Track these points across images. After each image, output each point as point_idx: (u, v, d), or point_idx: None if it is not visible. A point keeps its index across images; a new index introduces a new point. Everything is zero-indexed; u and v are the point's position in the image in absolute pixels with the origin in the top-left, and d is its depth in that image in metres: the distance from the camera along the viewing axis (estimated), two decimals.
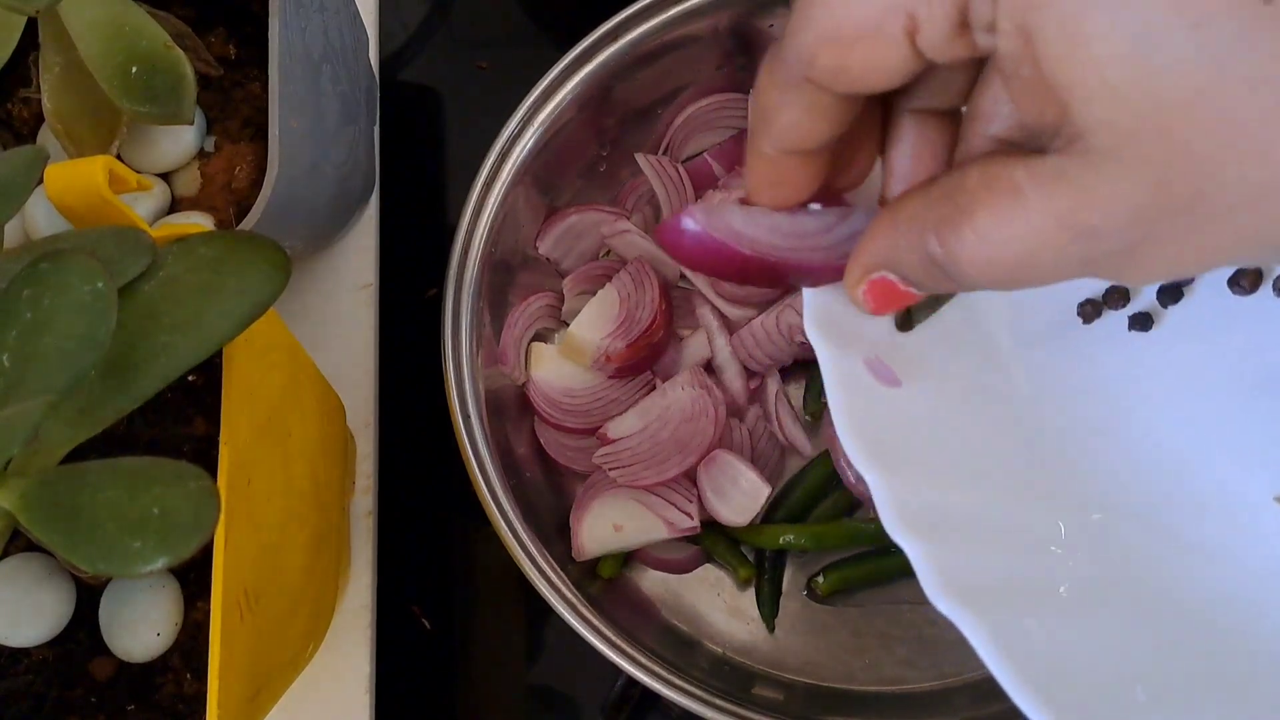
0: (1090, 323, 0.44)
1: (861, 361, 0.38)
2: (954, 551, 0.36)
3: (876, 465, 0.35)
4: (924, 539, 0.35)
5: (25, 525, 0.34)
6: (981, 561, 0.36)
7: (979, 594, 0.35)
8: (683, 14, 0.57)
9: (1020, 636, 0.34)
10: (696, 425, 0.57)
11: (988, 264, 0.28)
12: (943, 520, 0.36)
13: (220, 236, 0.41)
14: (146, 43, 0.47)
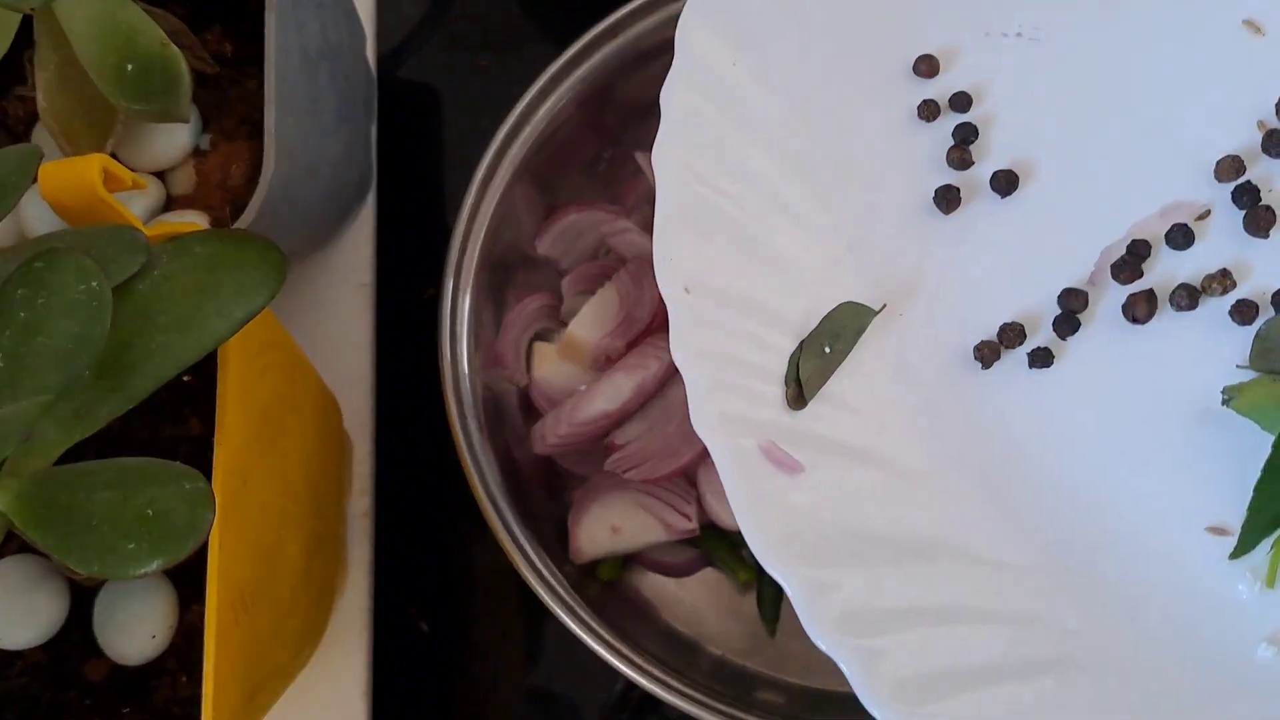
0: (989, 367, 0.44)
1: (758, 449, 0.39)
2: (888, 647, 0.36)
3: (786, 565, 0.37)
4: (854, 639, 0.35)
5: (19, 526, 0.34)
6: (920, 649, 0.36)
7: (925, 689, 0.35)
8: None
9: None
10: None
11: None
12: (870, 614, 0.36)
13: (216, 235, 0.41)
14: (142, 40, 0.46)
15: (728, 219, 0.43)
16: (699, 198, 0.42)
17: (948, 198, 0.46)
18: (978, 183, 0.46)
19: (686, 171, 0.42)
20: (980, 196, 0.46)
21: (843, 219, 0.45)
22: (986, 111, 0.47)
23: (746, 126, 0.45)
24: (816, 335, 0.42)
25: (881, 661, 0.35)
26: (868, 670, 0.35)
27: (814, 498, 0.39)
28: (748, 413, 0.39)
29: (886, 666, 0.35)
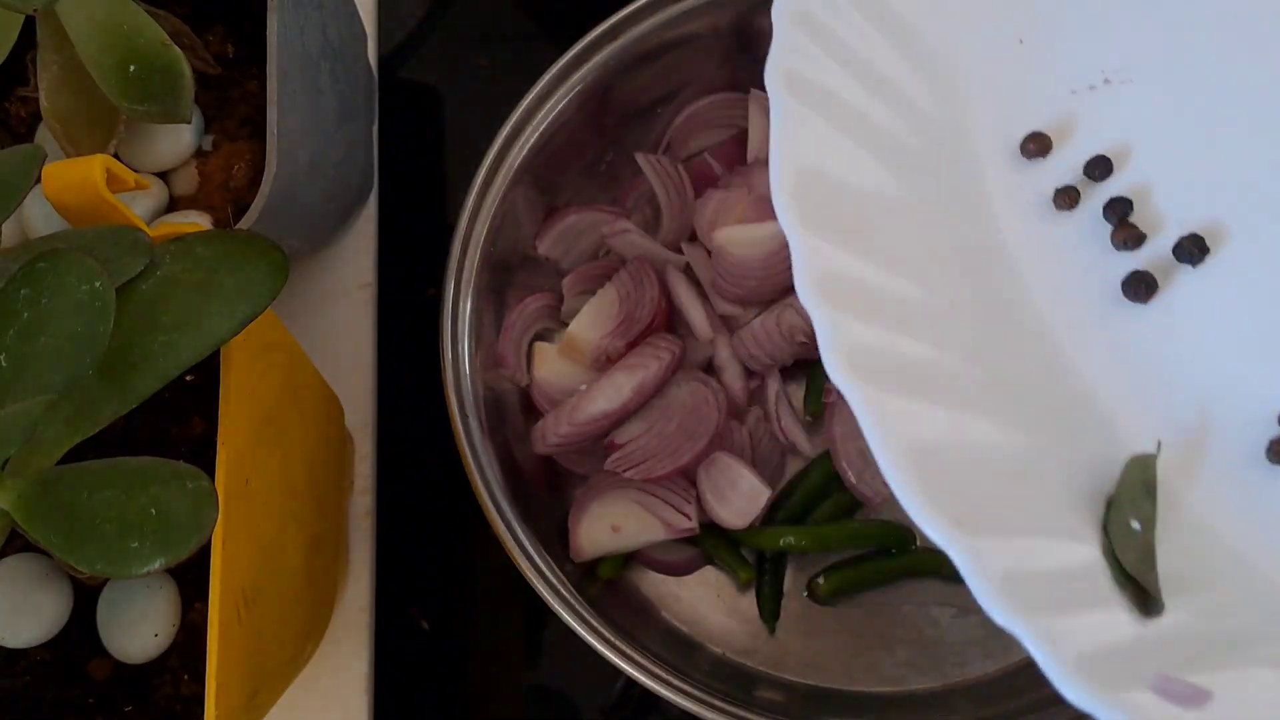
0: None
1: (1152, 693, 0.31)
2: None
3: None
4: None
5: (23, 525, 0.34)
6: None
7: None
8: (683, 13, 0.57)
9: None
10: (700, 414, 0.57)
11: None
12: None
13: (218, 236, 0.41)
14: (144, 41, 0.46)
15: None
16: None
17: (1143, 283, 0.39)
18: (1157, 258, 0.40)
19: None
20: (1169, 272, 0.40)
21: (1015, 360, 0.39)
22: (1123, 176, 0.41)
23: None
24: (1116, 514, 0.34)
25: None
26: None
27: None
28: (1112, 646, 0.32)
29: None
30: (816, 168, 0.38)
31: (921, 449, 0.33)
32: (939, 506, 0.31)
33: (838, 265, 0.36)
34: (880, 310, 0.36)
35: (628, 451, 0.57)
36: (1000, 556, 0.31)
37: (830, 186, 0.38)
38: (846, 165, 0.39)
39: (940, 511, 0.31)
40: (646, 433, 0.57)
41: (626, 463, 0.56)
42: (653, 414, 0.58)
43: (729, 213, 0.59)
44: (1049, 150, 0.42)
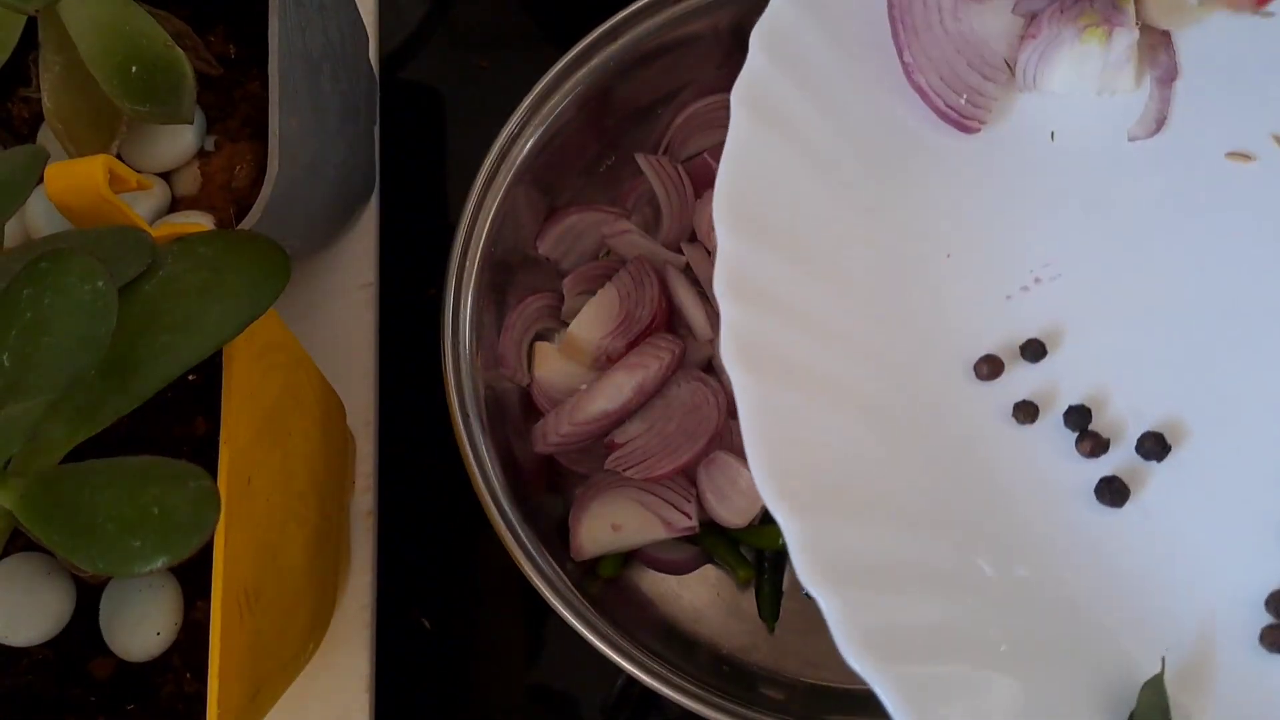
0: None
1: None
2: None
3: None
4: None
5: (25, 524, 0.34)
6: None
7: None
8: (683, 13, 0.57)
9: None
10: (701, 413, 0.57)
11: None
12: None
13: (220, 236, 0.41)
14: (146, 42, 0.47)
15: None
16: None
17: (1113, 489, 0.40)
18: (1124, 457, 0.41)
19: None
20: (1138, 471, 0.40)
21: (991, 570, 0.39)
22: (1077, 381, 0.42)
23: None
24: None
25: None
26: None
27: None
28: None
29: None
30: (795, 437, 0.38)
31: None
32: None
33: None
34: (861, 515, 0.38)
35: (628, 451, 0.57)
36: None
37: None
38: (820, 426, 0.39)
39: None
40: (647, 432, 0.57)
41: (627, 462, 0.56)
42: (653, 413, 0.58)
43: None
44: (1001, 370, 0.42)
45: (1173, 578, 0.39)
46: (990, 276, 0.44)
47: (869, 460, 0.39)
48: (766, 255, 0.39)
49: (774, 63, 0.41)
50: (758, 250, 0.39)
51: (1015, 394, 0.42)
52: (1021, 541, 0.40)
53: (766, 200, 0.40)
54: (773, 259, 0.39)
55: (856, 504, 0.38)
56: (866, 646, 0.34)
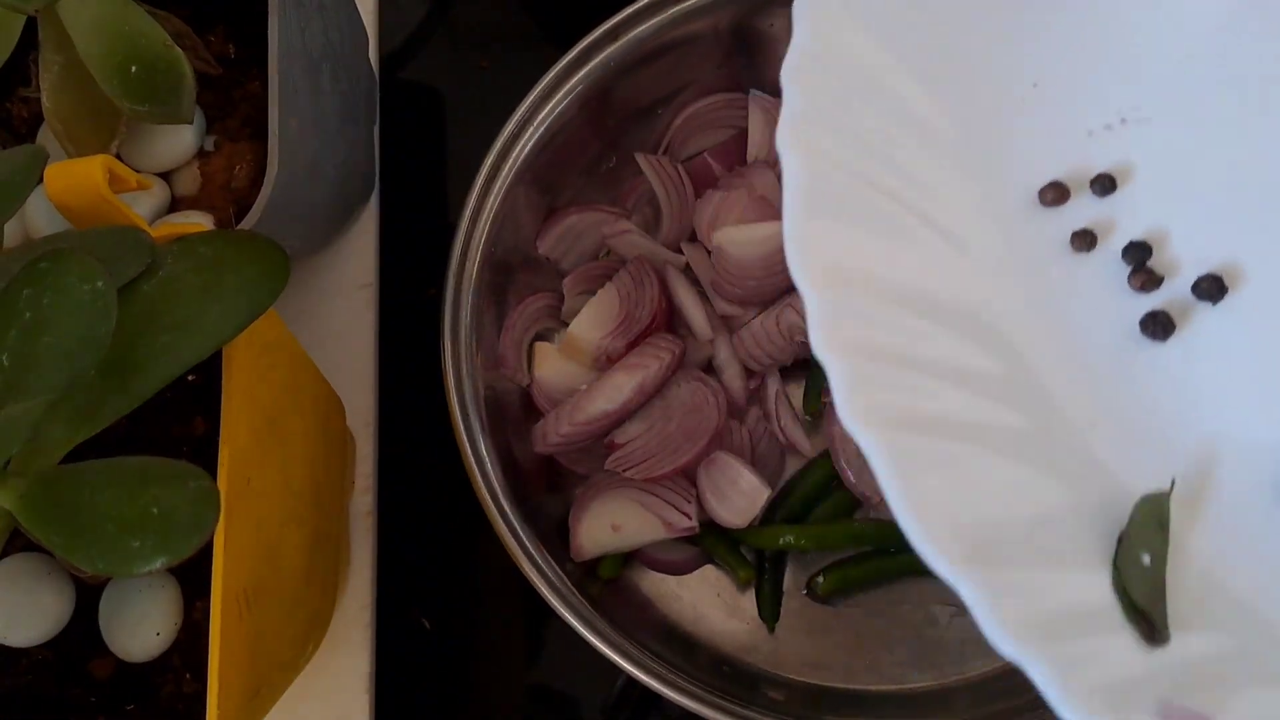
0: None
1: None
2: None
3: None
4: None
5: (25, 525, 0.34)
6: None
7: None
8: (683, 13, 0.57)
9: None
10: (701, 414, 0.57)
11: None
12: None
13: (220, 236, 0.41)
14: (146, 42, 0.47)
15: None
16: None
17: (1160, 322, 0.39)
18: (1176, 297, 0.40)
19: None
20: (1188, 311, 0.40)
21: (1030, 396, 0.38)
22: (1141, 218, 0.41)
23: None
24: (1127, 549, 0.35)
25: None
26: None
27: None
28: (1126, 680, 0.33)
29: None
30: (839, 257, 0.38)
31: (928, 476, 0.33)
32: (945, 536, 0.31)
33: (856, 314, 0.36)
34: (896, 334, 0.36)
35: (628, 451, 0.57)
36: (1008, 589, 0.31)
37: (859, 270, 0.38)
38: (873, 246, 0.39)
39: (946, 541, 0.31)
40: (647, 432, 0.57)
41: (627, 462, 0.56)
42: (653, 414, 0.58)
43: (729, 213, 0.59)
44: (1067, 198, 0.42)
45: (1201, 417, 0.38)
46: (1075, 110, 0.43)
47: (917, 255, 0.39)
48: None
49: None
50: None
51: (1076, 224, 0.41)
52: (1055, 364, 0.39)
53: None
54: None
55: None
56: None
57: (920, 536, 0.31)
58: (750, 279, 0.58)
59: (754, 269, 0.57)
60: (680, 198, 0.61)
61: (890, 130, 0.40)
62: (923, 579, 0.58)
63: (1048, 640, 0.31)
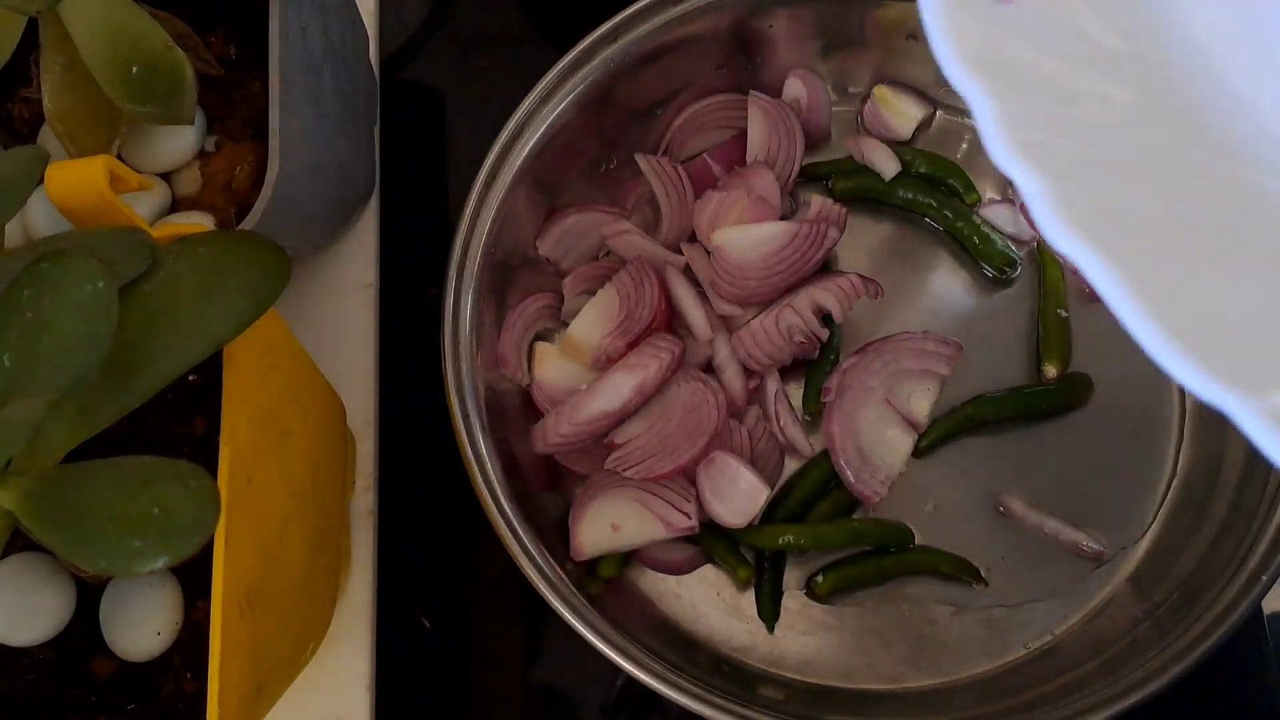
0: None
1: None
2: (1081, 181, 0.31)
3: (982, 79, 0.29)
4: (1041, 166, 0.28)
5: (26, 525, 0.34)
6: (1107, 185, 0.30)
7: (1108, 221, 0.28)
8: (682, 15, 0.57)
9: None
10: (700, 413, 0.57)
11: None
12: (1063, 147, 0.30)
13: (221, 236, 0.41)
14: (147, 43, 0.47)
15: None
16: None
17: None
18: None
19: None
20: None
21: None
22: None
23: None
24: None
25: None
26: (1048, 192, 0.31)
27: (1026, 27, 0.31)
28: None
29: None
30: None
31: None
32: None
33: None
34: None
35: (628, 451, 0.57)
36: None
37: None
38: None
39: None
40: (646, 432, 0.57)
41: (626, 462, 0.56)
42: (653, 413, 0.58)
43: (728, 213, 0.59)
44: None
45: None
46: None
47: None
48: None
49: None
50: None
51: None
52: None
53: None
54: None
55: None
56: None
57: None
58: (749, 279, 0.58)
59: (753, 269, 0.58)
60: (680, 198, 0.61)
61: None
62: (921, 578, 0.58)
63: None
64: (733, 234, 0.58)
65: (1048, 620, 0.57)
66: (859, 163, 0.63)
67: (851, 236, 0.61)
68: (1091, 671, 0.52)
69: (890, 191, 0.62)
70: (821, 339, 0.59)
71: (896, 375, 0.59)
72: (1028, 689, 0.54)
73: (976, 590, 0.57)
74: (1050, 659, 0.56)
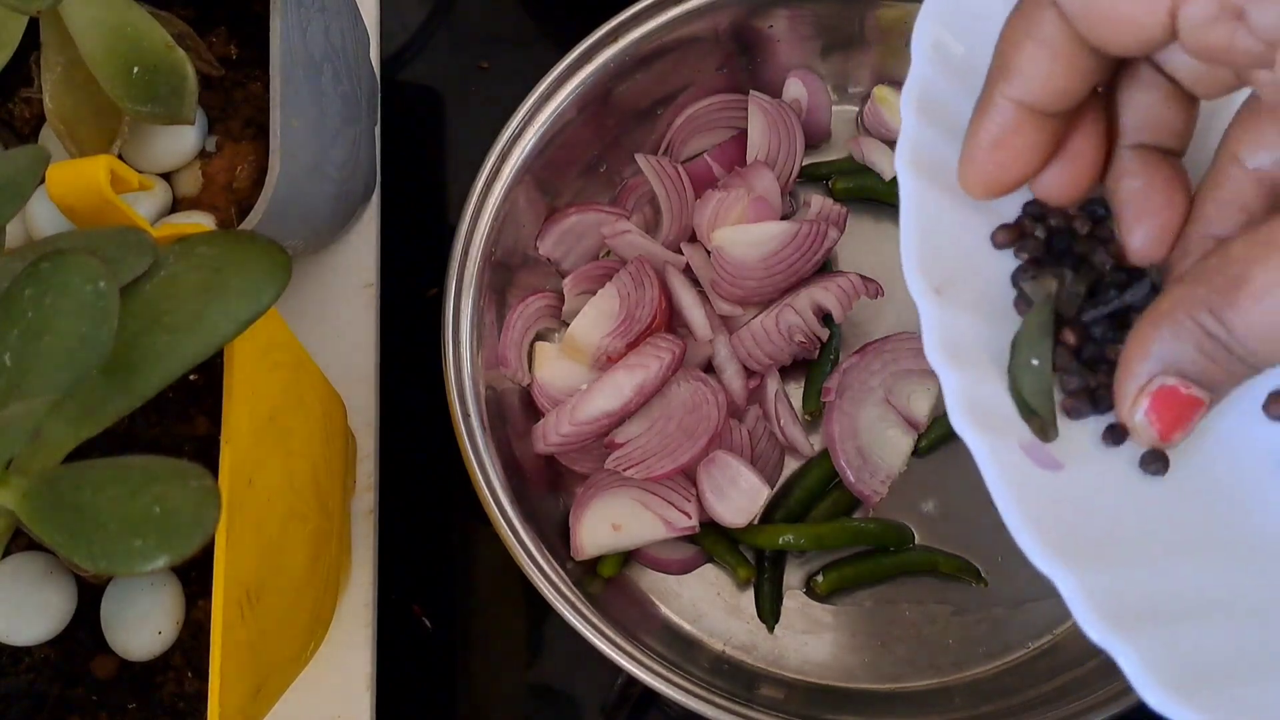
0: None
1: (1018, 447, 0.34)
2: (1174, 639, 0.32)
3: (1067, 562, 0.31)
4: (1134, 633, 0.31)
5: (27, 524, 0.34)
6: (1208, 640, 0.32)
7: (1216, 679, 0.31)
8: (683, 15, 0.57)
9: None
10: (700, 413, 0.57)
11: (1272, 328, 0.26)
12: (1151, 606, 0.33)
13: (221, 236, 0.41)
14: (148, 43, 0.47)
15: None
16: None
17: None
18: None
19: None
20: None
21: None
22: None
23: None
24: (1018, 353, 0.36)
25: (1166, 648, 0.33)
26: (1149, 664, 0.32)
27: (1076, 492, 0.34)
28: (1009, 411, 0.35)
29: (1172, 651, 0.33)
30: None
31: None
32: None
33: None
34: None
35: (628, 450, 0.57)
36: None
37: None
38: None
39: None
40: (647, 432, 0.57)
41: (627, 461, 0.56)
42: (653, 413, 0.58)
43: (728, 213, 0.59)
44: None
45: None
46: None
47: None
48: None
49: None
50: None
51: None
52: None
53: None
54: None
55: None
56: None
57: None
58: (749, 279, 0.58)
59: (753, 269, 0.58)
60: (680, 198, 0.61)
61: None
62: (921, 578, 0.58)
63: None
64: (733, 234, 0.58)
65: (1048, 620, 0.57)
66: (859, 163, 0.63)
67: (851, 236, 0.61)
68: (1091, 671, 0.52)
69: (890, 191, 0.62)
70: (821, 339, 0.59)
71: (896, 375, 0.59)
72: (1028, 689, 0.54)
73: (976, 590, 0.57)
74: (1050, 659, 0.56)
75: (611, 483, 0.57)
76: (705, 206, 0.60)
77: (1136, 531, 0.35)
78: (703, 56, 0.60)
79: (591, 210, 0.62)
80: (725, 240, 0.58)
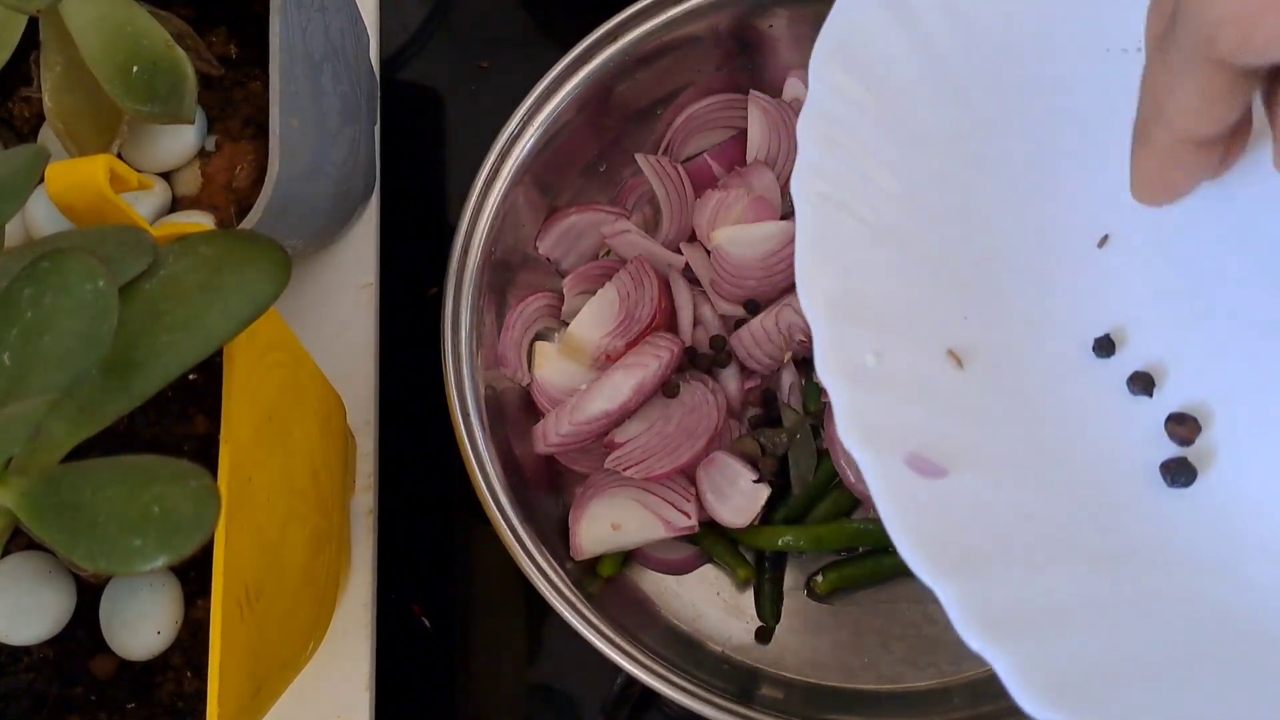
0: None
1: (901, 461, 0.36)
2: (1047, 645, 0.34)
3: (942, 573, 0.33)
4: (1011, 640, 0.33)
5: (26, 523, 0.34)
6: (1082, 644, 0.34)
7: (1089, 683, 0.33)
8: (683, 15, 0.57)
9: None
10: (700, 413, 0.57)
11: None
12: (1028, 611, 0.34)
13: (221, 235, 0.41)
14: (147, 42, 0.47)
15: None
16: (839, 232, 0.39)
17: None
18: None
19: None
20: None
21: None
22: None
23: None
24: (794, 451, 0.40)
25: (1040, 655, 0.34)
26: (1021, 671, 0.33)
27: (959, 500, 0.36)
28: (896, 422, 0.36)
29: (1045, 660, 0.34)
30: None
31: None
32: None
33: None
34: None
35: (628, 450, 0.57)
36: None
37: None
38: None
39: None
40: (646, 431, 0.57)
41: (626, 461, 0.56)
42: (652, 413, 0.58)
43: (728, 213, 0.59)
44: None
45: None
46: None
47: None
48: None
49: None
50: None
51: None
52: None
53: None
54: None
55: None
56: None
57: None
58: (749, 279, 0.58)
59: (753, 269, 0.58)
60: (680, 198, 0.61)
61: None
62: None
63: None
64: (733, 233, 0.58)
65: None
66: None
67: None
68: None
69: None
70: None
71: None
72: None
73: None
74: None
75: (611, 483, 0.57)
76: (705, 206, 0.60)
77: (1016, 537, 0.36)
78: (703, 56, 0.60)
79: (591, 210, 0.62)
80: (725, 240, 0.58)
